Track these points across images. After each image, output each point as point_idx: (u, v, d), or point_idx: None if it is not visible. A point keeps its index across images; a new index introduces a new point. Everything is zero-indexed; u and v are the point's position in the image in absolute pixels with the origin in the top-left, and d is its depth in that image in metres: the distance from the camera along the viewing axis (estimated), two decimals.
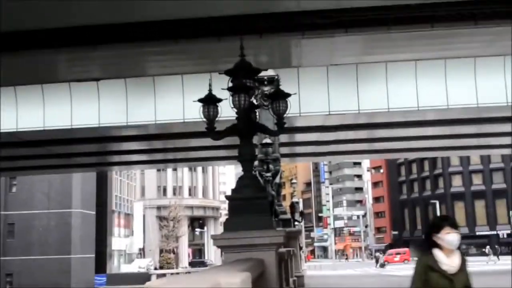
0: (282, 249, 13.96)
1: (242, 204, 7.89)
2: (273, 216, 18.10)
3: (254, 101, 18.04)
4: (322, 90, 22.95)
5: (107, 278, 51.07)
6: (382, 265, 59.14)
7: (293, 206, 33.84)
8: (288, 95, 8.57)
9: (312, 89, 22.95)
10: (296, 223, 40.66)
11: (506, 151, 36.88)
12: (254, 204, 7.88)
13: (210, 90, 8.48)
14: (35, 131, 24.46)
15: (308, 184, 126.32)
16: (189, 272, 49.23)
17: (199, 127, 8.58)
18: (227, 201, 8.27)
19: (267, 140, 20.33)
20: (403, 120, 25.44)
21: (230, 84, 8.22)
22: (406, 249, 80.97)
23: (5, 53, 17.09)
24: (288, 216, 20.74)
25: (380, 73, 21.81)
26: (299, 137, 29.49)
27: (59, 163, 36.20)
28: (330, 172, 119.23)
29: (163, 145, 31.41)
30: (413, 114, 24.20)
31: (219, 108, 8.48)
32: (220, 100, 8.38)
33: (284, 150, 32.84)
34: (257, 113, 9.01)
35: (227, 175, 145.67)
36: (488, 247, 66.70)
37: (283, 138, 28.13)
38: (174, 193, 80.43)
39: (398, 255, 74.37)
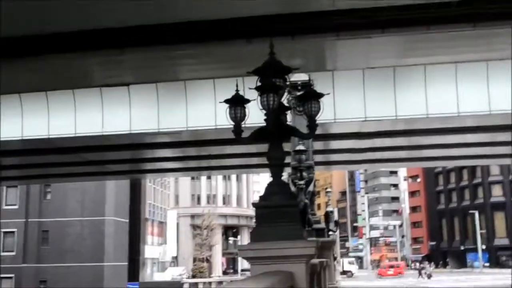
0: (315, 260, 13.30)
1: (270, 212, 7.28)
2: (305, 225, 17.47)
3: (285, 103, 17.32)
4: (358, 95, 22.22)
5: (140, 286, 50.87)
6: (429, 276, 57.20)
7: (327, 215, 33.03)
8: (321, 95, 7.95)
9: (347, 94, 22.25)
10: (330, 232, 39.93)
11: None
12: (283, 212, 7.27)
13: (237, 91, 7.93)
14: (66, 138, 24.25)
15: (344, 193, 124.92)
16: (221, 282, 48.71)
17: (232, 134, 8.00)
18: None
19: (301, 147, 19.72)
20: (442, 126, 24.51)
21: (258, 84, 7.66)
22: (401, 262, 79.46)
23: (35, 57, 16.86)
24: (322, 225, 20.03)
25: (419, 77, 20.97)
26: (334, 144, 28.75)
27: (92, 170, 36.11)
28: (366, 181, 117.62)
29: (197, 152, 30.99)
30: (453, 120, 23.28)
31: (247, 111, 7.95)
32: (248, 101, 7.82)
33: (319, 157, 32.07)
34: (288, 116, 8.41)
35: (261, 183, 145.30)
36: None
37: (318, 145, 27.43)
38: (208, 202, 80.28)
39: (392, 268, 73.04)
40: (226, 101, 7.85)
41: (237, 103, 7.84)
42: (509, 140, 27.11)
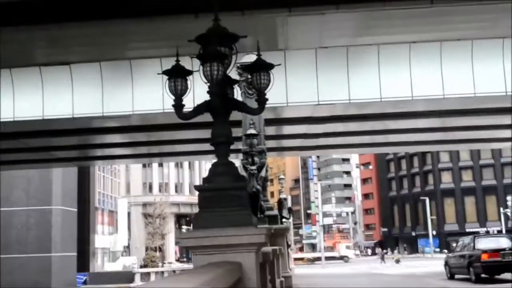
0: (267, 248, 12.61)
1: (215, 196, 6.51)
2: (257, 211, 16.70)
3: (236, 88, 16.37)
4: (310, 78, 21.58)
5: (89, 276, 49.47)
6: (397, 261, 57.61)
7: (280, 202, 32.38)
8: (271, 66, 7.16)
9: (300, 77, 21.60)
10: (284, 220, 39.45)
11: (504, 145, 35.59)
12: (230, 196, 6.51)
13: (177, 61, 7.11)
14: (5, 122, 22.88)
15: (297, 181, 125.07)
16: (174, 271, 47.77)
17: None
18: None
19: (252, 131, 18.96)
20: (396, 111, 24.13)
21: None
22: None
23: None
24: (275, 212, 19.35)
25: (372, 58, 20.44)
26: (287, 129, 28.14)
27: (37, 157, 34.68)
28: (319, 169, 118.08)
29: (147, 137, 29.88)
30: (406, 105, 22.91)
31: (189, 83, 7.14)
32: (190, 72, 7.01)
33: (271, 143, 31.45)
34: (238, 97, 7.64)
35: None
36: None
37: (270, 130, 26.75)
38: (160, 190, 79.05)
39: None
40: (165, 72, 7.02)
41: (177, 75, 7.02)
42: (467, 125, 27.03)
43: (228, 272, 5.55)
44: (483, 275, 19.64)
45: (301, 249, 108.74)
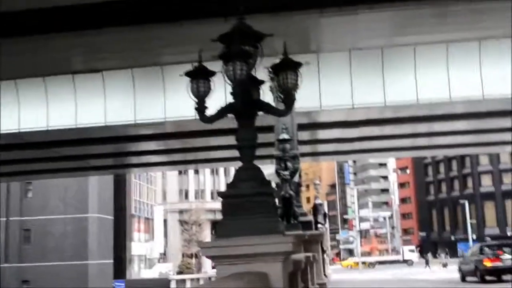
0: (299, 256, 12.20)
1: (240, 202, 6.16)
2: (290, 217, 16.33)
3: (267, 91, 15.86)
4: (344, 82, 21.11)
5: (126, 283, 49.66)
6: (445, 265, 56.41)
7: (316, 208, 31.99)
8: (299, 64, 6.79)
9: (334, 80, 21.15)
10: (319, 225, 38.92)
11: None
12: (255, 202, 6.14)
13: (200, 61, 6.79)
14: (38, 132, 22.97)
15: (333, 186, 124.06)
16: (209, 277, 47.59)
17: (216, 124, 6.87)
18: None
19: (285, 136, 18.60)
20: (433, 113, 23.46)
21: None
22: None
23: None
24: (309, 218, 18.88)
25: (408, 59, 19.87)
26: (321, 134, 27.66)
27: (72, 165, 34.84)
28: (355, 174, 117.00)
29: (182, 144, 29.68)
30: (444, 107, 22.26)
31: (211, 84, 6.82)
32: (213, 73, 6.68)
33: (306, 148, 31.04)
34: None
35: None
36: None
37: (304, 135, 26.34)
38: (196, 197, 79.01)
39: None
40: (187, 73, 6.72)
41: (199, 76, 6.70)
42: (507, 127, 26.16)
43: (251, 282, 5.21)
44: (487, 277, 23.42)
45: (337, 255, 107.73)
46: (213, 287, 4.64)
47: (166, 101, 21.64)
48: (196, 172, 78.16)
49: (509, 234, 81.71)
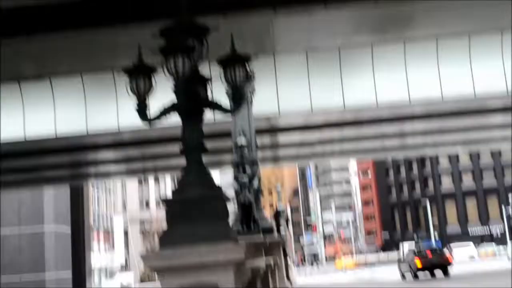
0: (258, 262, 11.71)
1: (186, 208, 5.64)
2: (250, 223, 15.81)
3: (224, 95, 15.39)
4: (302, 85, 20.75)
5: None
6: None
7: (277, 213, 31.60)
8: (247, 58, 6.31)
9: (291, 85, 20.78)
10: (282, 230, 38.50)
11: (505, 146, 34.62)
12: (203, 208, 5.64)
13: (140, 54, 6.25)
14: None
15: (296, 191, 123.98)
16: None
17: (176, 130, 6.38)
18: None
19: (243, 142, 18.15)
20: (393, 115, 23.30)
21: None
22: None
23: None
24: (270, 223, 18.47)
25: (366, 60, 19.60)
26: (282, 139, 27.25)
27: (25, 178, 33.69)
28: (317, 178, 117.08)
29: (141, 153, 28.86)
30: (403, 109, 22.11)
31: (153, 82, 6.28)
32: (154, 69, 6.15)
33: (267, 153, 30.62)
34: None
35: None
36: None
37: (264, 140, 25.91)
38: (158, 206, 77.98)
39: None
40: (126, 70, 6.17)
41: (139, 73, 6.17)
42: (465, 127, 26.21)
43: None
44: (417, 272, 27.64)
45: (302, 259, 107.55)
46: None
47: (119, 109, 20.94)
48: (157, 180, 77.22)
49: (469, 230, 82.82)
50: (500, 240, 71.69)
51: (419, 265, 27.19)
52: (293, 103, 20.56)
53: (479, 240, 78.63)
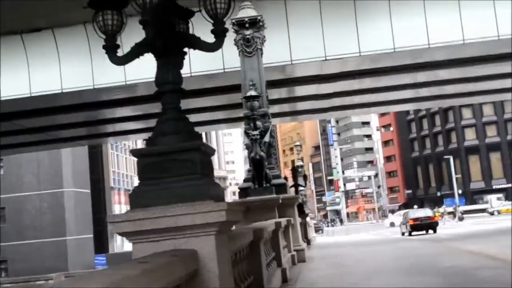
0: (263, 223, 10.93)
1: (159, 162, 4.79)
2: (262, 180, 14.96)
3: (233, 44, 14.54)
4: (315, 32, 19.66)
5: (107, 258, 48.47)
6: (461, 219, 55.74)
7: (295, 170, 30.86)
8: None
9: (304, 31, 19.69)
10: (301, 188, 37.80)
11: None
12: (178, 161, 4.78)
13: None
14: None
15: (317, 148, 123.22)
16: None
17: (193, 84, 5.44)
18: (234, 171, 5.29)
19: (252, 92, 17.19)
20: (412, 62, 22.11)
21: None
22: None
23: None
24: (282, 180, 17.63)
25: (382, 3, 18.44)
26: (297, 91, 26.24)
27: (40, 138, 33.22)
28: (339, 134, 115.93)
29: (159, 108, 27.98)
30: (423, 54, 20.91)
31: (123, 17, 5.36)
32: (125, 2, 5.23)
33: (285, 107, 29.68)
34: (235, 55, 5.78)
35: (234, 143, 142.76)
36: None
37: (279, 93, 24.96)
38: None
39: None
40: (91, 3, 5.26)
41: (107, 6, 5.27)
42: (488, 74, 24.95)
43: (167, 265, 3.88)
44: (411, 232, 34.09)
45: (325, 216, 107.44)
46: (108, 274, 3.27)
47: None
48: None
49: (494, 187, 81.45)
50: None
51: (412, 224, 34.17)
52: (306, 51, 19.54)
53: (504, 195, 77.31)
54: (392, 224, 58.02)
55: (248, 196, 15.53)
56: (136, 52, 5.24)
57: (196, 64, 19.39)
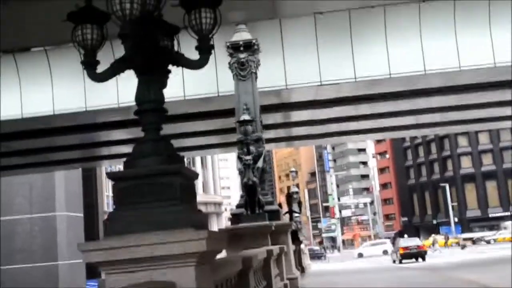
0: (252, 251, 10.56)
1: (137, 186, 4.45)
2: (255, 206, 14.59)
3: (227, 67, 14.34)
4: (311, 56, 19.49)
5: (99, 283, 47.59)
6: (463, 247, 55.61)
7: (289, 196, 30.49)
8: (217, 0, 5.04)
9: (299, 55, 19.53)
10: (296, 215, 37.34)
11: None
12: (158, 185, 4.44)
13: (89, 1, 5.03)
14: None
15: (313, 174, 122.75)
16: None
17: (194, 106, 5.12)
18: (230, 197, 4.93)
19: (246, 117, 16.92)
20: (408, 88, 21.90)
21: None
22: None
23: None
24: (276, 207, 17.29)
25: (378, 27, 18.28)
26: (292, 116, 25.96)
27: (35, 160, 32.90)
28: (335, 160, 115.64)
29: None
30: (418, 80, 20.72)
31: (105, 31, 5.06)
32: (106, 16, 4.92)
33: (280, 133, 29.37)
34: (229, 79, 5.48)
35: (230, 169, 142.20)
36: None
37: (275, 118, 24.69)
38: None
39: None
40: (70, 16, 4.96)
41: (87, 20, 4.97)
42: (481, 102, 24.76)
43: None
44: (401, 260, 35.76)
45: (320, 243, 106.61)
46: None
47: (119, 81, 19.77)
48: None
49: (490, 215, 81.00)
50: None
51: (402, 253, 36.04)
52: (302, 76, 19.36)
53: (499, 224, 76.83)
54: (360, 255, 56.81)
55: (240, 223, 15.17)
56: (116, 68, 4.94)
57: (189, 87, 19.15)
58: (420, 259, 35.14)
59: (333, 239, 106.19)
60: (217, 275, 5.41)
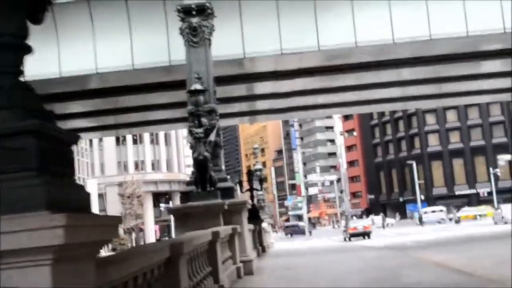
0: (191, 234, 9.30)
1: None
2: (206, 183, 13.23)
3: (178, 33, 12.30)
4: (271, 23, 18.14)
5: None
6: (457, 221, 55.56)
7: (250, 173, 29.27)
8: None
9: (258, 22, 18.12)
10: (260, 192, 36.15)
11: (502, 97, 31.95)
12: (7, 150, 3.09)
13: None
14: None
15: (280, 152, 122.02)
16: None
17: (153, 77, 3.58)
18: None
19: (197, 86, 15.53)
20: (374, 59, 20.74)
21: None
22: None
23: None
24: (229, 184, 16.02)
25: None
26: (255, 89, 24.66)
27: None
28: (302, 138, 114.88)
29: (112, 104, 25.82)
30: (386, 51, 19.55)
31: None
32: None
33: (243, 107, 28.07)
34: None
35: None
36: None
37: (235, 91, 23.38)
38: (136, 168, 75.53)
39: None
40: None
41: None
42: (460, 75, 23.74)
43: None
44: (350, 238, 40.10)
45: (287, 221, 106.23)
46: None
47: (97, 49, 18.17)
48: (135, 142, 74.84)
49: (456, 193, 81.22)
50: (487, 202, 69.95)
51: (350, 232, 40.64)
52: (261, 44, 18.02)
53: (466, 201, 77.03)
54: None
55: (190, 201, 13.89)
56: None
57: (138, 55, 17.70)
58: (366, 237, 39.24)
59: (299, 217, 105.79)
60: (117, 272, 4.09)
